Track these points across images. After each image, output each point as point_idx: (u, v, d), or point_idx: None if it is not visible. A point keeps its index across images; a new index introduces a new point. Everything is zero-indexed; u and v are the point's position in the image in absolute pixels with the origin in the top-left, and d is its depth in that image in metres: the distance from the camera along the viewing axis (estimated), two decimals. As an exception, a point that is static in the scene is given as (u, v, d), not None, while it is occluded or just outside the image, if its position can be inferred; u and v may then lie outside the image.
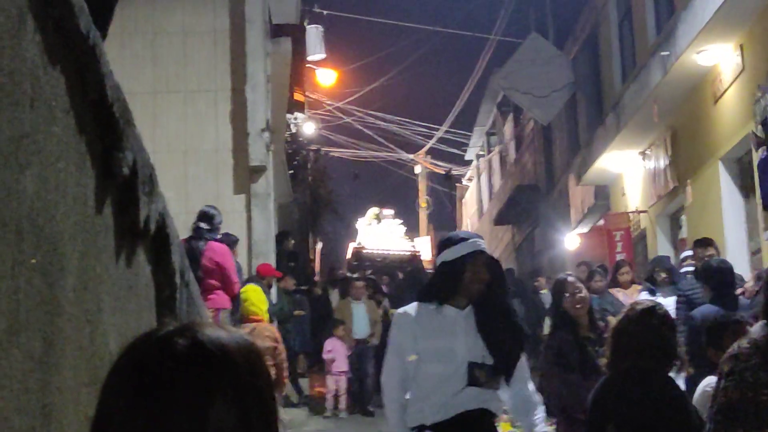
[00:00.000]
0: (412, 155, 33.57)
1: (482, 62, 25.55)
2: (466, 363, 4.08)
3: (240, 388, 1.14)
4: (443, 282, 4.26)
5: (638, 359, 3.77)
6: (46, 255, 1.60)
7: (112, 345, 2.16)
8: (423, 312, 4.23)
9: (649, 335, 3.82)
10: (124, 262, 2.34)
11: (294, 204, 18.99)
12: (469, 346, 4.14)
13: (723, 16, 10.04)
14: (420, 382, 4.11)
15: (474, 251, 4.19)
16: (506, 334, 4.21)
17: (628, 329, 3.89)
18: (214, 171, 12.11)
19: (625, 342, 3.87)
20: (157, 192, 2.49)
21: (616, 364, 3.89)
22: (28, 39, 1.50)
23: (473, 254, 4.19)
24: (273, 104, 13.23)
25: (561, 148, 21.93)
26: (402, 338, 4.20)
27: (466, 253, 4.19)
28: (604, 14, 17.73)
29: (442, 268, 4.30)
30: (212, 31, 12.43)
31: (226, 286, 8.50)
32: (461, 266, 4.19)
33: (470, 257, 4.18)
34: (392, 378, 4.22)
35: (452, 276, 4.22)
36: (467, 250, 4.20)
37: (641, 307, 4.00)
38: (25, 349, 1.47)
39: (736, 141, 10.97)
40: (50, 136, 1.64)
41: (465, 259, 4.18)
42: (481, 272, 4.18)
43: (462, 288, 4.21)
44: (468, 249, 4.20)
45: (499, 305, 4.26)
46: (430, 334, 4.15)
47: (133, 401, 1.11)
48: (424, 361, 4.12)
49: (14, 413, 1.42)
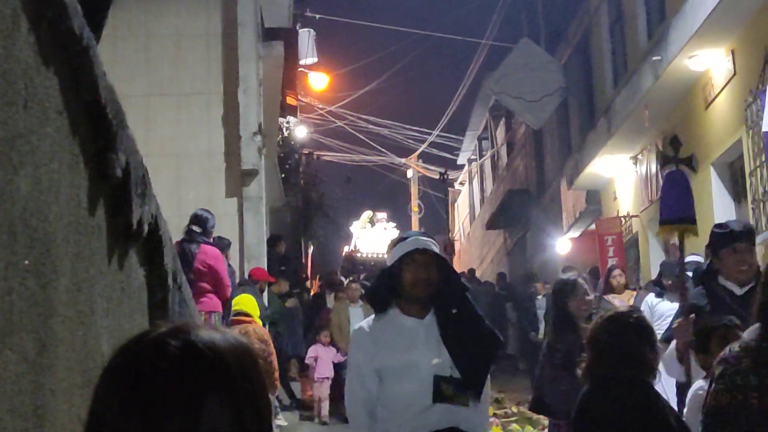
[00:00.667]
0: (404, 159, 33.59)
1: (474, 67, 25.61)
2: (431, 377, 3.74)
3: (233, 388, 1.14)
4: (383, 288, 3.97)
5: (609, 367, 3.73)
6: (40, 256, 1.60)
7: (105, 347, 2.15)
8: (379, 326, 3.90)
9: (616, 342, 3.75)
10: (117, 264, 2.34)
11: (286, 208, 18.97)
12: (433, 358, 3.79)
13: (714, 21, 10.08)
14: (385, 402, 3.79)
15: (411, 251, 3.87)
16: (473, 343, 3.86)
17: (596, 337, 3.84)
18: (206, 174, 12.10)
19: (596, 350, 3.81)
20: (150, 194, 2.48)
21: (591, 372, 3.83)
22: (22, 40, 1.50)
23: (410, 254, 3.87)
24: (265, 108, 13.23)
25: (552, 153, 21.97)
26: (360, 357, 3.87)
27: (404, 254, 3.88)
28: (596, 19, 17.78)
29: (382, 273, 4.05)
30: (205, 35, 12.42)
31: (219, 289, 8.50)
32: (398, 269, 3.88)
33: (407, 257, 3.86)
34: (355, 403, 3.86)
35: (389, 280, 3.92)
36: (405, 249, 3.89)
37: (608, 314, 3.92)
38: (18, 351, 1.46)
39: (727, 146, 11.00)
40: (44, 137, 1.63)
41: (402, 261, 3.87)
42: (421, 272, 3.84)
43: (405, 292, 3.89)
44: (406, 248, 3.89)
45: (464, 310, 3.92)
46: (389, 348, 3.81)
47: (126, 402, 1.11)
48: (387, 379, 3.79)
49: (7, 415, 1.41)
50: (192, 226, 8.51)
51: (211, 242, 8.67)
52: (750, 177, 10.29)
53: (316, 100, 27.15)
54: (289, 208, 19.74)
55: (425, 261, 3.87)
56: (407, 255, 3.88)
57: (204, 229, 8.53)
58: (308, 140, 24.63)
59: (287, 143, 19.41)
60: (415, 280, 3.85)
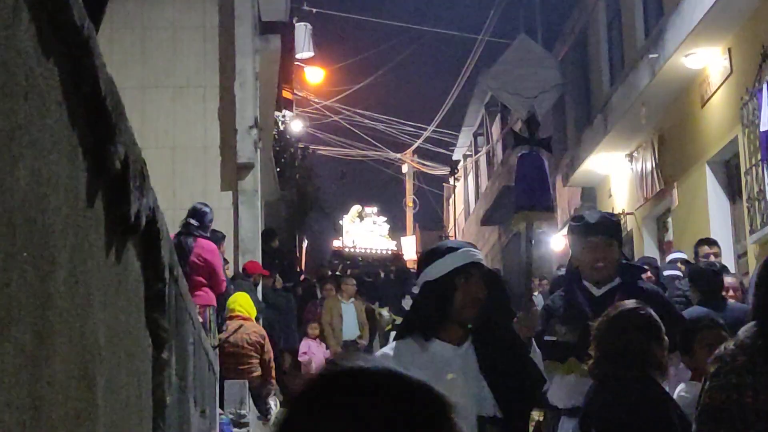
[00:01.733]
0: (399, 154, 33.60)
1: (470, 63, 25.62)
2: (473, 417, 3.10)
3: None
4: (427, 309, 3.30)
5: (615, 365, 3.72)
6: (38, 248, 1.59)
7: (102, 340, 2.15)
8: (405, 352, 3.23)
9: (621, 340, 3.73)
10: (114, 256, 2.33)
11: (281, 202, 18.97)
12: (473, 394, 3.16)
13: (711, 19, 10.08)
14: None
15: (466, 264, 3.28)
16: (517, 378, 3.27)
17: (601, 335, 3.82)
18: (201, 167, 12.09)
19: (602, 348, 3.79)
20: (148, 186, 2.48)
21: (597, 370, 3.82)
22: (22, 30, 1.49)
23: (465, 268, 3.27)
24: (261, 101, 13.21)
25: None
26: None
27: (456, 268, 3.26)
28: (593, 16, 17.78)
29: (425, 290, 3.34)
30: (201, 27, 12.40)
31: (214, 283, 8.48)
32: (450, 285, 3.24)
33: (462, 272, 3.26)
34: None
35: (438, 300, 3.27)
36: (457, 262, 3.27)
37: (614, 312, 3.88)
38: (16, 343, 1.46)
39: (723, 144, 11.02)
40: (43, 129, 1.63)
41: (454, 276, 3.24)
42: (477, 291, 3.25)
43: (453, 315, 3.26)
44: (459, 261, 3.27)
45: (507, 338, 3.40)
46: None
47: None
48: None
49: (4, 407, 1.41)
50: (189, 219, 8.49)
51: (208, 236, 8.65)
52: (745, 175, 10.30)
53: (312, 95, 27.14)
54: (284, 202, 19.74)
55: (479, 277, 3.29)
56: (461, 269, 3.26)
57: (201, 223, 8.51)
58: (304, 134, 24.61)
59: (283, 137, 19.39)
60: (469, 300, 3.25)
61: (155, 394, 3.01)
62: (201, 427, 5.34)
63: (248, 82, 12.39)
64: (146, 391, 2.89)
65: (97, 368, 2.09)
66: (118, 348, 2.39)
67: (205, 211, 8.64)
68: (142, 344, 2.83)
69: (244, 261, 11.82)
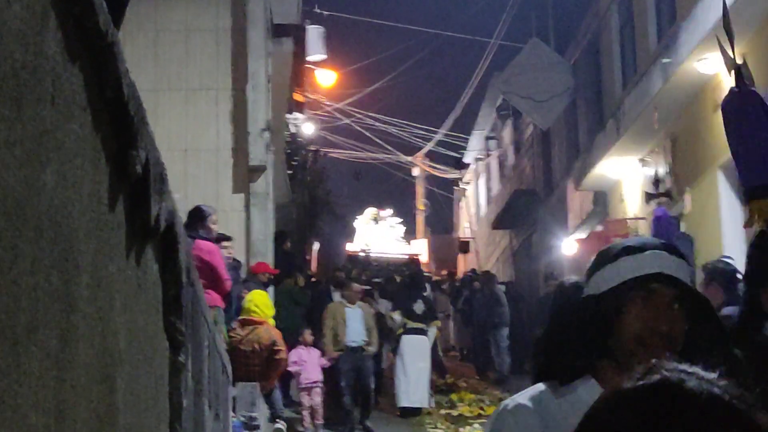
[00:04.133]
0: (411, 157, 33.60)
1: (482, 66, 25.60)
2: None
3: None
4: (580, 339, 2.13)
5: None
6: (63, 252, 1.60)
7: (122, 343, 2.16)
8: (555, 405, 2.11)
9: None
10: (134, 260, 2.34)
11: (292, 204, 19.00)
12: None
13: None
14: None
15: (650, 275, 2.09)
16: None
17: None
18: (214, 170, 12.12)
19: None
20: (167, 190, 2.49)
21: None
22: (50, 36, 1.50)
23: (644, 281, 2.09)
24: (273, 104, 13.25)
25: (560, 154, 21.95)
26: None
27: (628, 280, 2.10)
28: (606, 21, 17.76)
29: (583, 309, 2.16)
30: (214, 30, 12.43)
31: (217, 284, 8.26)
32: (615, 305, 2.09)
33: (639, 287, 2.09)
34: None
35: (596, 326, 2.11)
36: (633, 272, 2.11)
37: None
38: (42, 346, 1.47)
39: (736, 149, 10.98)
40: (69, 133, 1.64)
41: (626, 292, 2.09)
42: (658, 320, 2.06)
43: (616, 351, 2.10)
44: (635, 270, 2.10)
45: None
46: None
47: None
48: None
49: (31, 410, 1.42)
50: (188, 220, 8.36)
51: (207, 237, 8.38)
52: (758, 181, 10.26)
53: (324, 97, 27.17)
54: (295, 204, 19.76)
55: (669, 298, 2.09)
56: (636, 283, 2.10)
57: (201, 225, 8.36)
58: (315, 137, 24.64)
59: (294, 140, 19.43)
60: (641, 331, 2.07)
61: (172, 397, 3.03)
62: (215, 429, 5.36)
63: (260, 85, 12.43)
64: (163, 394, 2.91)
65: (118, 371, 2.10)
66: (137, 351, 2.40)
67: (204, 211, 8.45)
68: (159, 347, 2.84)
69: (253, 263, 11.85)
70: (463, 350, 22.32)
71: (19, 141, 1.34)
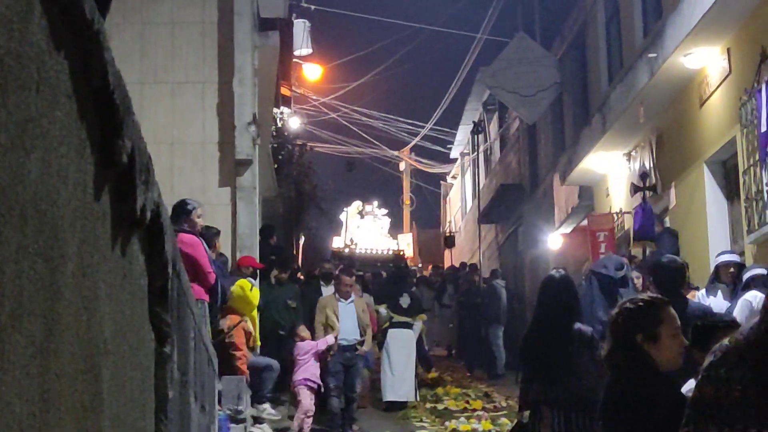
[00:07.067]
0: (397, 152, 33.60)
1: (469, 61, 25.60)
2: None
3: None
4: None
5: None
6: (48, 240, 1.60)
7: (107, 333, 2.15)
8: None
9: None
10: (120, 250, 2.33)
11: (278, 198, 18.96)
12: None
13: (711, 19, 10.10)
14: None
15: None
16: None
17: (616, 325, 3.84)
18: (200, 163, 12.08)
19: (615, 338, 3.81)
20: (153, 181, 2.48)
21: (610, 361, 3.84)
22: (35, 23, 1.49)
23: None
24: (260, 98, 13.20)
25: (546, 148, 21.99)
26: None
27: None
28: (592, 15, 17.79)
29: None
30: (200, 23, 12.38)
31: (200, 277, 8.11)
32: None
33: None
34: None
35: None
36: None
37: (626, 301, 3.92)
38: (27, 335, 1.46)
39: (721, 144, 11.03)
40: (54, 122, 1.63)
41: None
42: None
43: None
44: None
45: None
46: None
47: None
48: None
49: (16, 398, 1.41)
50: (172, 214, 8.27)
51: (190, 231, 8.24)
52: (743, 175, 10.32)
53: (310, 91, 27.13)
54: (282, 198, 19.73)
55: None
56: None
57: (186, 218, 8.22)
58: (301, 131, 24.61)
59: (281, 134, 19.39)
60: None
61: (158, 389, 3.02)
62: (201, 422, 5.35)
63: (247, 79, 12.39)
64: (149, 385, 2.90)
65: (103, 361, 2.10)
66: (123, 341, 2.39)
67: (187, 204, 8.34)
68: (145, 338, 2.83)
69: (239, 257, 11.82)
70: (450, 348, 22.03)
71: (3, 128, 1.34)
